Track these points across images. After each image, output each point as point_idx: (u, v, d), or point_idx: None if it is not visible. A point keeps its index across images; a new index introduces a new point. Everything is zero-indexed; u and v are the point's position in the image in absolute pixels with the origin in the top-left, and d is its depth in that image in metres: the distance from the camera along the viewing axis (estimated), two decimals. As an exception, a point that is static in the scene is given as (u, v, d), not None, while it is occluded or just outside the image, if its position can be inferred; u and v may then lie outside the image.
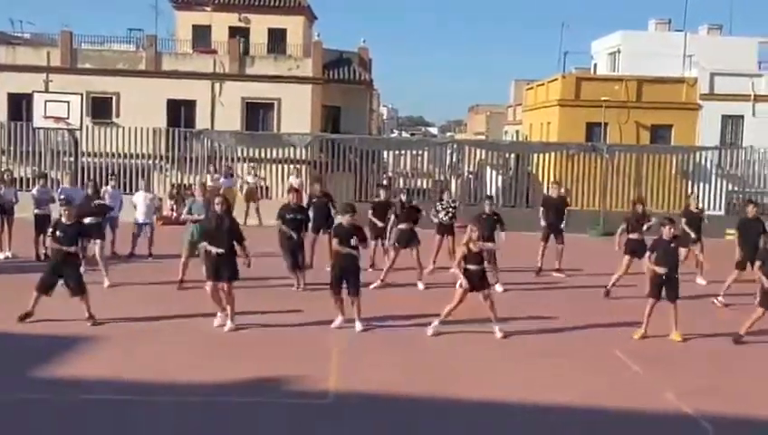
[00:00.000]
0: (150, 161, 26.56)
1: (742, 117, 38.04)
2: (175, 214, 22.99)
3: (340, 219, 11.83)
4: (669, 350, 11.08)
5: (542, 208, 16.46)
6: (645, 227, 14.27)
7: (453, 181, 28.17)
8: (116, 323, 11.30)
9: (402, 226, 14.52)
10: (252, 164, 25.97)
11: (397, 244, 14.56)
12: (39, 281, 11.29)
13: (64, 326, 10.98)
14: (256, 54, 40.30)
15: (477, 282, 11.06)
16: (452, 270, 14.97)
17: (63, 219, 11.43)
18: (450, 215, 15.57)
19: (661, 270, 11.27)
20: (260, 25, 42.79)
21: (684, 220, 15.79)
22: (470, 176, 31.73)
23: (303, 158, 27.58)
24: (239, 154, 26.67)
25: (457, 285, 11.11)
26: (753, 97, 37.88)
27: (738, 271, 13.96)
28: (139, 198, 17.22)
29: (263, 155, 27.25)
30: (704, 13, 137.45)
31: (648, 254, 11.69)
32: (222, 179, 22.90)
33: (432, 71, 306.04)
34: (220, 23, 42.53)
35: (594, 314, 12.72)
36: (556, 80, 40.93)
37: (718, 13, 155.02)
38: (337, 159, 26.63)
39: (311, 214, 15.06)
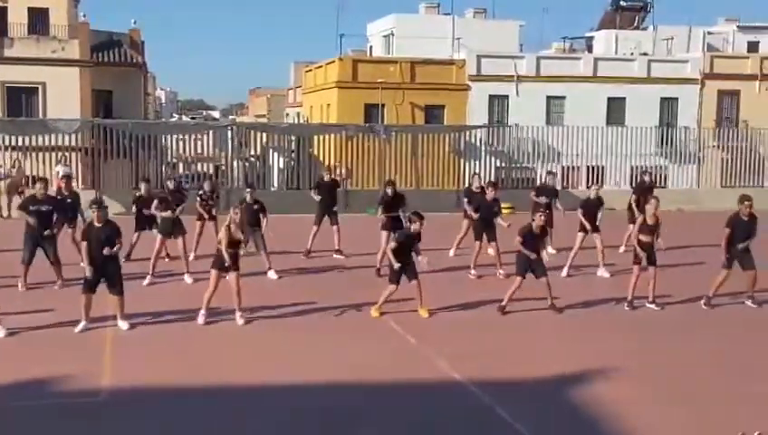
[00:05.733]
0: None
1: (507, 96, 40.50)
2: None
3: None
4: (445, 321, 11.60)
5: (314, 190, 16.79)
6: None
7: (236, 165, 27.80)
8: None
9: (164, 214, 14.08)
10: (15, 154, 24.27)
11: (160, 233, 14.14)
12: None
13: None
14: (16, 36, 37.53)
15: (230, 264, 11.17)
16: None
17: None
18: (205, 203, 15.47)
19: (396, 263, 11.56)
20: (19, 4, 39.68)
21: (465, 200, 16.49)
22: (252, 159, 31.46)
23: (74, 145, 26.09)
24: (0, 142, 24.76)
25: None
26: (516, 77, 40.42)
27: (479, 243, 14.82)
28: None
29: (27, 143, 25.45)
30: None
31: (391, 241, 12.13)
32: None
33: (211, 54, 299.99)
34: (-28, 1, 39.10)
35: (368, 290, 12.92)
36: (333, 62, 41.51)
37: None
38: (111, 145, 25.39)
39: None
